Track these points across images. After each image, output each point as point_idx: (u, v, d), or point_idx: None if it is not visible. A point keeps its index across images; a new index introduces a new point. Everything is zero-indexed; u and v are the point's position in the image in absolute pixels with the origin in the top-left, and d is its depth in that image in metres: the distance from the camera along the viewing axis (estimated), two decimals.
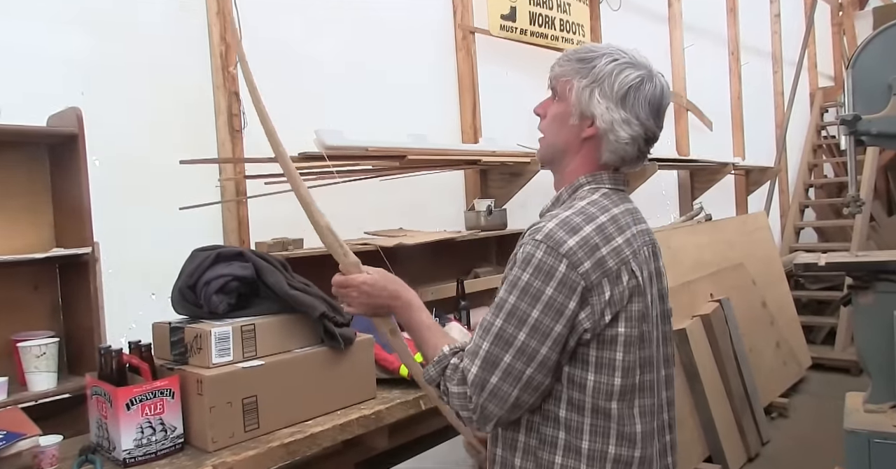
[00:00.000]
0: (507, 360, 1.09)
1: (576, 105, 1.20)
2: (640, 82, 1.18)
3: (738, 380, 3.70)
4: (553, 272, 1.09)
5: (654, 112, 1.20)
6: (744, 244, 4.60)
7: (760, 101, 6.21)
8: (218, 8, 2.28)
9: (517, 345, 1.09)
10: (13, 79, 1.87)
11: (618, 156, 1.21)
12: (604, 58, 1.18)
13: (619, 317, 1.13)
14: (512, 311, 1.10)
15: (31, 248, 1.77)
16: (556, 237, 1.10)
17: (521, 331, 1.09)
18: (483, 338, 1.11)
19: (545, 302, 1.08)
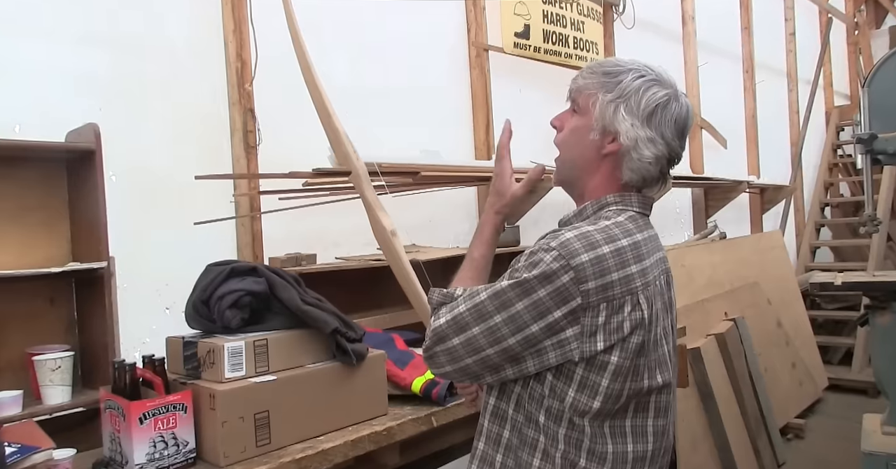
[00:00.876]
0: (475, 332, 1.10)
1: (599, 119, 1.17)
2: (668, 101, 1.15)
3: (753, 400, 3.66)
4: (554, 279, 1.05)
5: (679, 132, 1.17)
6: (759, 263, 4.57)
7: (775, 120, 6.19)
8: (234, 25, 2.32)
9: (490, 324, 1.09)
10: (33, 95, 1.90)
11: (639, 175, 1.17)
12: (630, 73, 1.15)
13: (614, 347, 1.08)
14: (500, 293, 1.09)
15: (47, 263, 1.78)
16: (570, 248, 1.06)
17: (499, 314, 1.08)
18: (465, 302, 1.12)
19: (533, 300, 1.06)
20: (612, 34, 4.17)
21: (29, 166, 1.83)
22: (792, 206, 6.13)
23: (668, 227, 4.69)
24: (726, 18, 5.56)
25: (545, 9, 3.53)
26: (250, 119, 2.33)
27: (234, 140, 2.33)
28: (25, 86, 1.89)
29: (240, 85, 2.32)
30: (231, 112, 2.33)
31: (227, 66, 2.32)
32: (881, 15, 8.06)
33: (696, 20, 4.94)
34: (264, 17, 2.37)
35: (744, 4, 5.70)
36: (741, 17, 5.70)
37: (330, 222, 2.61)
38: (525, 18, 3.42)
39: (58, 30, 1.96)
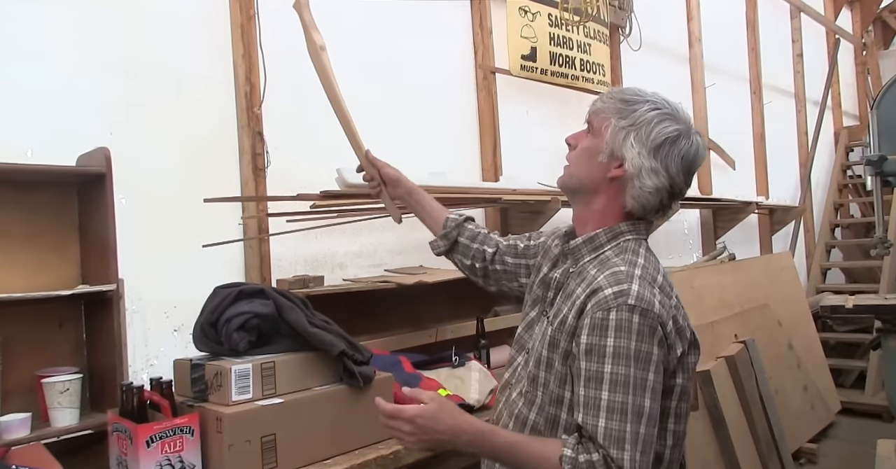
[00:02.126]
0: (644, 431, 1.09)
1: (609, 143, 1.21)
2: (678, 136, 1.19)
3: (764, 423, 3.61)
4: (654, 332, 1.11)
5: (686, 169, 1.21)
6: (768, 284, 4.54)
7: (784, 141, 6.19)
8: (243, 50, 2.35)
9: (648, 413, 1.10)
10: (45, 120, 1.93)
11: (639, 203, 1.22)
12: (647, 104, 1.20)
13: (678, 369, 1.18)
14: (635, 382, 1.09)
15: (57, 285, 1.79)
16: (646, 299, 1.12)
17: (646, 398, 1.10)
18: (623, 420, 1.08)
19: (656, 362, 1.11)
20: (619, 56, 4.19)
21: (40, 190, 1.85)
22: (801, 227, 6.10)
23: (677, 249, 4.67)
24: (733, 40, 5.59)
25: (552, 32, 3.57)
26: (259, 142, 2.36)
27: (242, 163, 2.35)
28: (37, 111, 1.92)
29: (248, 108, 2.35)
30: (240, 135, 2.35)
31: (236, 90, 2.35)
32: (889, 36, 8.08)
33: (702, 42, 4.97)
34: (272, 41, 2.40)
35: (751, 26, 5.73)
36: (748, 39, 5.74)
37: (337, 244, 2.62)
38: (532, 41, 3.45)
39: (69, 56, 1.99)
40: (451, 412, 1.19)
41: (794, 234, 5.92)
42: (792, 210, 5.61)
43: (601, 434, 1.08)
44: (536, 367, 1.25)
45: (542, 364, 1.23)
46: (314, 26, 1.77)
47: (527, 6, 3.43)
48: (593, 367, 1.11)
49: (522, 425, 1.25)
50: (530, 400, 1.26)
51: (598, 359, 1.11)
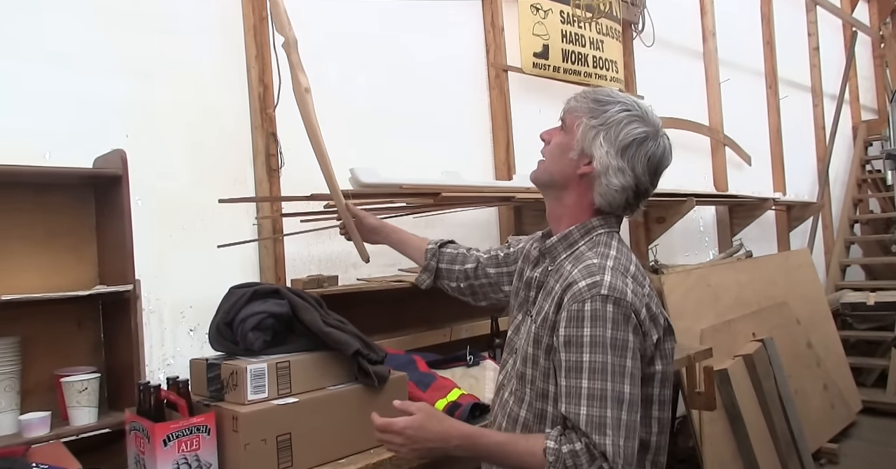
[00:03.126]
0: (626, 417, 1.12)
1: (579, 141, 1.27)
2: (645, 138, 1.25)
3: (783, 423, 3.58)
4: (629, 320, 1.15)
5: (652, 169, 1.27)
6: (786, 282, 4.49)
7: (801, 135, 6.13)
8: (257, 52, 2.36)
9: (628, 399, 1.13)
10: (62, 123, 1.95)
11: (606, 200, 1.27)
12: (618, 105, 1.25)
13: (655, 355, 1.22)
14: (612, 369, 1.12)
15: (75, 286, 1.81)
16: (618, 288, 1.16)
17: (625, 384, 1.13)
18: (603, 406, 1.11)
19: (632, 349, 1.15)
20: (632, 52, 4.17)
21: (58, 192, 1.87)
22: (820, 223, 6.03)
23: (693, 247, 4.64)
24: (748, 34, 5.54)
25: (564, 29, 3.55)
26: (272, 143, 2.37)
27: (256, 163, 2.36)
28: (55, 114, 1.94)
29: (262, 109, 2.36)
30: (254, 136, 2.37)
31: (249, 91, 2.36)
32: None
33: (716, 36, 4.93)
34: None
35: (766, 19, 5.68)
36: (763, 33, 5.68)
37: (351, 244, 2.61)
38: (544, 39, 3.44)
39: (85, 59, 2.01)
40: (439, 420, 1.25)
41: (812, 231, 5.85)
42: (810, 206, 5.55)
43: (583, 421, 1.11)
44: (524, 365, 1.29)
45: (529, 361, 1.27)
46: (301, 67, 1.83)
47: (539, 4, 3.42)
48: (573, 358, 1.15)
49: (514, 423, 1.29)
50: (520, 397, 1.30)
51: (577, 349, 1.15)
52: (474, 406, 1.89)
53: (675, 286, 3.53)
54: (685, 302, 3.52)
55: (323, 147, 1.84)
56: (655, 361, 1.22)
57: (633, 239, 4.01)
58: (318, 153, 1.85)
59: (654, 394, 1.23)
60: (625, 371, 1.13)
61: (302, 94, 1.81)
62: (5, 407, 1.67)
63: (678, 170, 4.43)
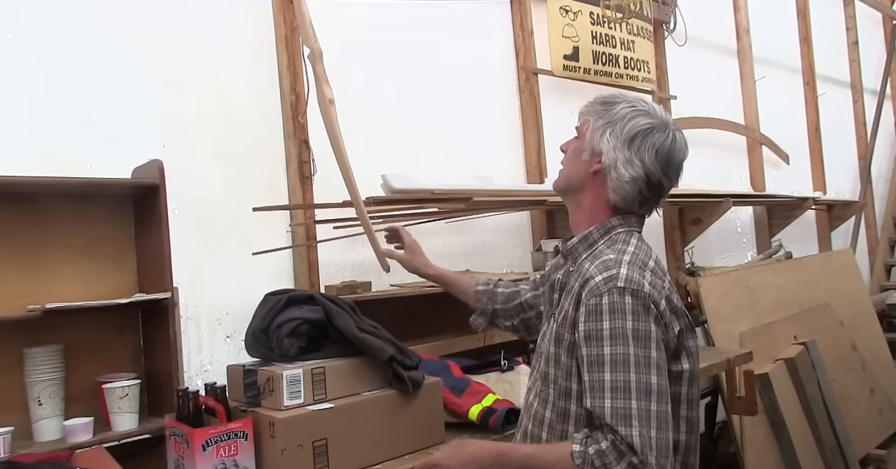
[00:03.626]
0: (655, 408, 1.11)
1: (589, 141, 1.31)
2: (650, 129, 1.26)
3: (828, 429, 3.48)
4: (648, 311, 1.15)
5: (662, 160, 1.27)
6: (829, 283, 4.38)
7: (840, 132, 5.98)
8: (288, 61, 2.39)
9: (655, 389, 1.12)
10: (102, 135, 2.00)
11: (619, 195, 1.29)
12: (623, 103, 1.30)
13: (681, 353, 1.23)
14: (636, 360, 1.12)
15: (115, 294, 1.85)
16: (635, 280, 1.17)
17: (651, 375, 1.12)
18: (627, 397, 1.11)
19: (655, 339, 1.16)
20: (664, 52, 4.12)
21: (98, 202, 1.92)
22: (863, 223, 5.87)
23: (730, 248, 4.55)
24: (783, 30, 5.43)
25: (594, 30, 3.53)
26: (305, 150, 2.39)
27: (289, 171, 2.39)
28: (95, 126, 1.99)
29: (294, 117, 2.39)
30: (286, 144, 2.39)
31: (281, 100, 2.39)
32: None
33: (750, 33, 4.84)
34: None
35: (801, 15, 5.56)
36: (799, 28, 5.56)
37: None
38: (574, 40, 3.42)
39: (123, 72, 2.06)
40: (469, 444, 1.30)
41: (854, 230, 5.70)
42: (852, 205, 5.41)
43: (608, 414, 1.11)
44: (546, 365, 1.31)
45: (551, 360, 1.29)
46: (325, 79, 1.86)
47: (568, 6, 3.40)
48: (594, 352, 1.15)
49: (540, 424, 1.30)
50: (544, 398, 1.31)
51: (598, 342, 1.15)
52: (509, 411, 1.88)
53: (713, 289, 3.47)
54: (723, 305, 3.46)
55: (346, 158, 1.85)
56: (682, 359, 1.23)
57: (669, 241, 3.96)
58: (341, 164, 1.86)
59: (683, 392, 1.23)
60: (649, 361, 1.13)
61: (326, 105, 1.83)
62: (50, 413, 1.71)
63: (714, 170, 4.38)
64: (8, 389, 1.72)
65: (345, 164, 1.88)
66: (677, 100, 4.09)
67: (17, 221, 1.77)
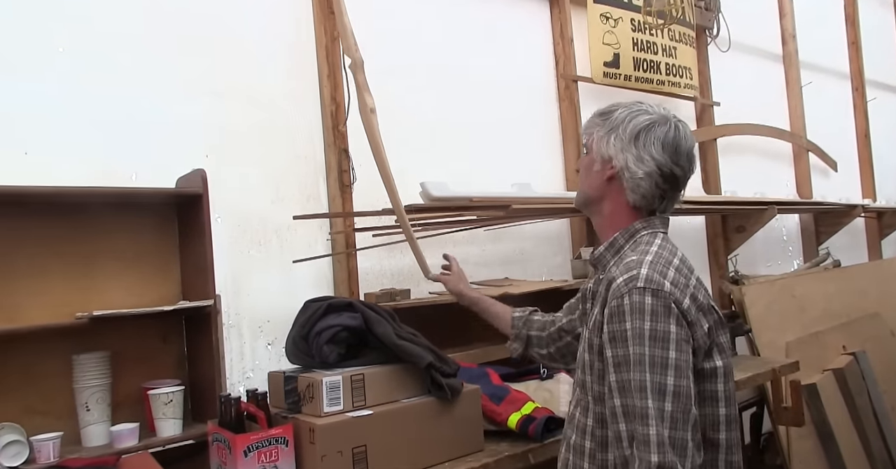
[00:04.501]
0: (671, 408, 1.11)
1: (597, 152, 1.34)
2: (651, 124, 1.29)
3: (879, 442, 3.37)
4: (668, 311, 1.15)
5: (670, 150, 1.29)
6: (879, 292, 4.25)
7: (891, 139, 5.80)
8: (329, 71, 2.42)
9: (672, 390, 1.11)
10: (147, 145, 2.04)
11: (638, 194, 1.30)
12: (620, 109, 1.33)
13: (713, 350, 1.23)
14: (653, 361, 1.12)
15: (160, 302, 1.89)
16: (655, 280, 1.18)
17: (667, 376, 1.12)
18: (643, 397, 1.11)
19: (675, 339, 1.14)
20: (707, 58, 4.06)
21: (144, 212, 1.96)
22: None
23: (775, 256, 4.45)
24: (831, 35, 5.31)
25: (635, 37, 3.49)
26: (345, 159, 2.41)
27: (329, 180, 2.41)
28: (141, 137, 2.03)
29: (334, 127, 2.41)
30: (326, 153, 2.42)
31: (321, 109, 2.42)
32: None
33: (797, 39, 4.74)
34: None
35: (850, 19, 5.42)
36: (847, 33, 5.43)
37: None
38: (614, 48, 3.39)
39: (167, 83, 2.10)
40: None
41: None
42: None
43: (626, 413, 1.13)
44: (583, 373, 1.31)
45: (586, 367, 1.29)
46: (367, 88, 1.90)
47: (608, 12, 3.38)
48: (619, 352, 1.16)
49: (582, 433, 1.30)
50: (584, 406, 1.31)
51: (621, 343, 1.16)
52: (549, 419, 1.86)
53: (758, 298, 3.39)
54: (768, 314, 3.37)
55: (387, 167, 1.87)
56: (714, 356, 1.23)
57: (712, 249, 3.88)
58: (382, 173, 1.88)
59: (720, 390, 1.22)
60: (667, 363, 1.12)
61: (367, 114, 1.86)
62: (98, 418, 1.75)
63: (758, 177, 4.29)
64: (57, 395, 1.76)
65: (386, 172, 1.89)
66: (720, 106, 4.02)
67: (65, 231, 1.82)
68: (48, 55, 1.91)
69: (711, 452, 1.20)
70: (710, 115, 3.99)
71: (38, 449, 1.59)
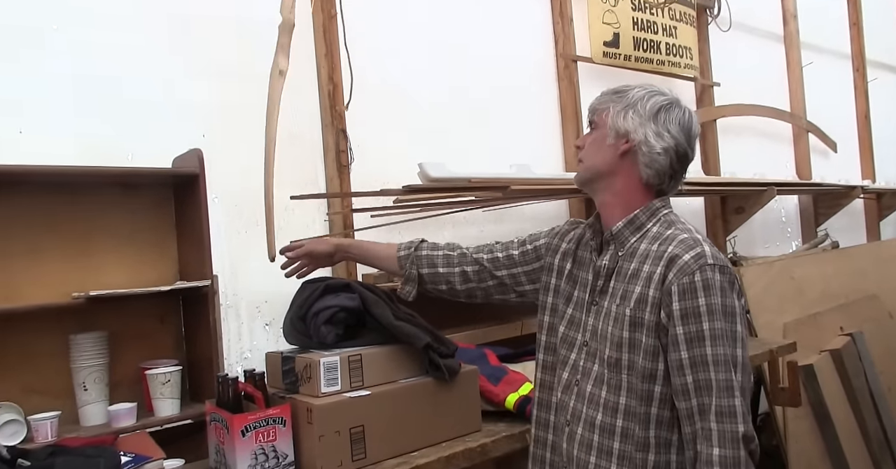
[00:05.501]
0: (742, 379, 1.19)
1: (612, 127, 1.34)
2: (670, 104, 1.33)
3: (876, 423, 3.39)
4: (734, 286, 1.24)
5: (686, 133, 1.32)
6: (878, 273, 4.25)
7: (891, 120, 5.77)
8: (326, 49, 2.39)
9: (742, 361, 1.20)
10: (143, 124, 2.02)
11: (653, 169, 1.32)
12: (636, 89, 1.36)
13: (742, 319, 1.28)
14: (729, 335, 1.20)
15: (158, 282, 1.88)
16: (720, 257, 1.25)
17: (740, 348, 1.21)
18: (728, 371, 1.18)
19: (740, 314, 1.23)
20: (707, 38, 4.02)
21: (141, 191, 1.95)
22: None
23: (774, 237, 4.45)
24: (832, 15, 5.26)
25: (635, 16, 3.45)
26: (342, 139, 2.39)
27: (327, 160, 2.40)
28: (137, 116, 2.01)
29: (332, 107, 2.39)
30: (324, 133, 2.40)
31: (319, 89, 2.40)
32: None
33: (798, 19, 4.70)
34: (353, 40, 2.44)
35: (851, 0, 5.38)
36: (849, 13, 5.37)
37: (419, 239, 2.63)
38: (614, 27, 3.36)
39: (164, 62, 2.08)
40: None
41: None
42: None
43: (706, 387, 1.18)
44: (617, 351, 1.29)
45: (624, 346, 1.28)
46: (286, 51, 1.91)
47: None
48: (693, 329, 1.20)
49: (613, 412, 1.28)
50: (616, 385, 1.29)
51: (696, 320, 1.20)
52: None
53: (756, 279, 3.39)
54: (766, 295, 3.38)
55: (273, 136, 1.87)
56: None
57: (711, 230, 3.87)
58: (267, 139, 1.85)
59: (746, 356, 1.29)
60: (737, 336, 1.20)
61: (276, 76, 1.86)
62: (96, 398, 1.75)
63: (758, 158, 4.28)
64: (55, 375, 1.76)
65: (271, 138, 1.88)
66: (721, 87, 3.99)
67: (61, 211, 1.81)
68: (42, 33, 1.88)
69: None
70: (710, 95, 3.96)
71: (36, 428, 1.60)
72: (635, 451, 1.25)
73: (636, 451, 1.25)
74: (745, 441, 1.15)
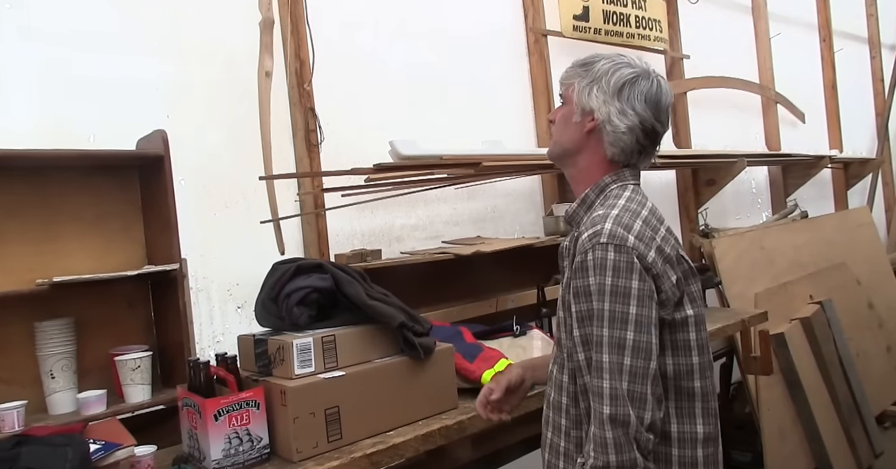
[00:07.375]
0: (630, 363, 1.12)
1: (577, 103, 1.30)
2: (636, 78, 1.28)
3: (845, 387, 3.47)
4: (631, 266, 1.15)
5: (652, 105, 1.27)
6: (845, 242, 4.33)
7: (857, 89, 5.84)
8: (292, 27, 2.34)
9: (631, 345, 1.13)
10: (105, 106, 1.97)
11: (618, 148, 1.28)
12: (602, 61, 1.31)
13: (683, 299, 1.22)
14: (612, 316, 1.13)
15: (125, 267, 1.85)
16: (619, 235, 1.17)
17: (627, 331, 1.13)
18: (600, 351, 1.13)
19: (637, 295, 1.14)
20: (676, 10, 4.01)
21: (105, 174, 1.90)
22: (880, 181, 5.77)
23: (745, 209, 4.50)
24: None
25: None
26: (311, 118, 2.35)
27: (296, 139, 2.36)
28: (97, 97, 1.96)
29: (299, 85, 2.34)
30: (292, 112, 2.36)
31: (286, 67, 2.35)
32: None
33: None
34: (319, 16, 2.39)
35: None
36: None
37: (393, 218, 2.61)
38: (584, 0, 3.33)
39: (124, 41, 2.02)
40: None
41: (871, 189, 5.61)
42: (868, 163, 5.32)
43: (595, 367, 1.14)
44: (558, 330, 1.32)
45: (561, 324, 1.30)
46: (269, 50, 1.90)
47: None
48: (582, 308, 1.17)
49: (560, 389, 1.30)
50: (560, 363, 1.32)
51: (584, 299, 1.17)
52: None
53: (727, 250, 3.43)
54: (738, 266, 3.42)
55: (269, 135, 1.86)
56: (685, 305, 1.23)
57: (683, 203, 3.90)
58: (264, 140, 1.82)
59: (691, 339, 1.23)
60: (627, 318, 1.13)
61: (263, 77, 1.82)
62: (63, 386, 1.72)
63: (728, 130, 4.30)
64: (20, 364, 1.73)
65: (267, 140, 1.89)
66: (690, 59, 3.99)
67: (23, 196, 1.76)
68: None
69: (688, 401, 1.22)
70: (680, 68, 3.97)
71: (2, 417, 1.57)
72: (571, 427, 1.26)
73: (571, 427, 1.26)
74: (613, 424, 1.09)
